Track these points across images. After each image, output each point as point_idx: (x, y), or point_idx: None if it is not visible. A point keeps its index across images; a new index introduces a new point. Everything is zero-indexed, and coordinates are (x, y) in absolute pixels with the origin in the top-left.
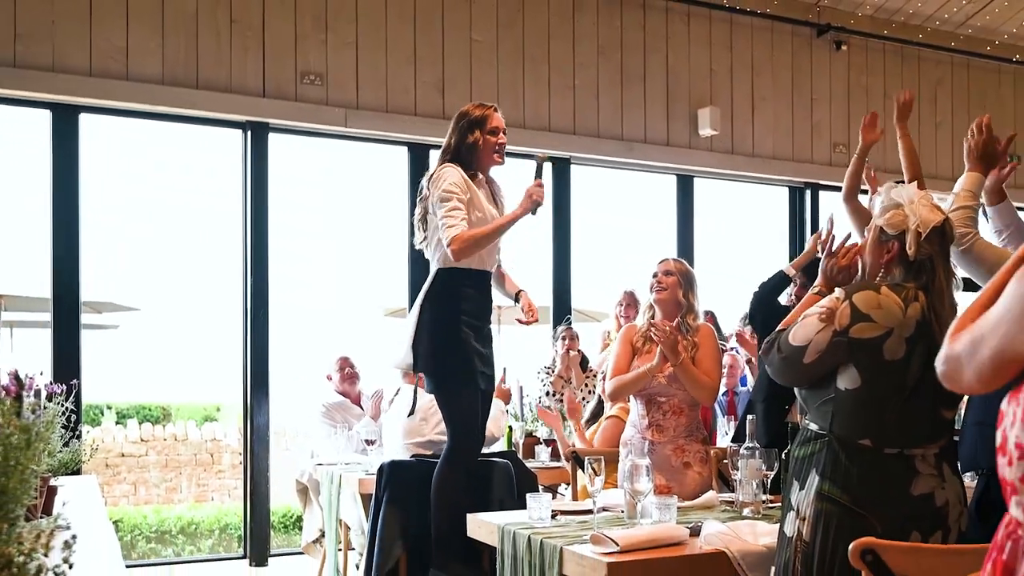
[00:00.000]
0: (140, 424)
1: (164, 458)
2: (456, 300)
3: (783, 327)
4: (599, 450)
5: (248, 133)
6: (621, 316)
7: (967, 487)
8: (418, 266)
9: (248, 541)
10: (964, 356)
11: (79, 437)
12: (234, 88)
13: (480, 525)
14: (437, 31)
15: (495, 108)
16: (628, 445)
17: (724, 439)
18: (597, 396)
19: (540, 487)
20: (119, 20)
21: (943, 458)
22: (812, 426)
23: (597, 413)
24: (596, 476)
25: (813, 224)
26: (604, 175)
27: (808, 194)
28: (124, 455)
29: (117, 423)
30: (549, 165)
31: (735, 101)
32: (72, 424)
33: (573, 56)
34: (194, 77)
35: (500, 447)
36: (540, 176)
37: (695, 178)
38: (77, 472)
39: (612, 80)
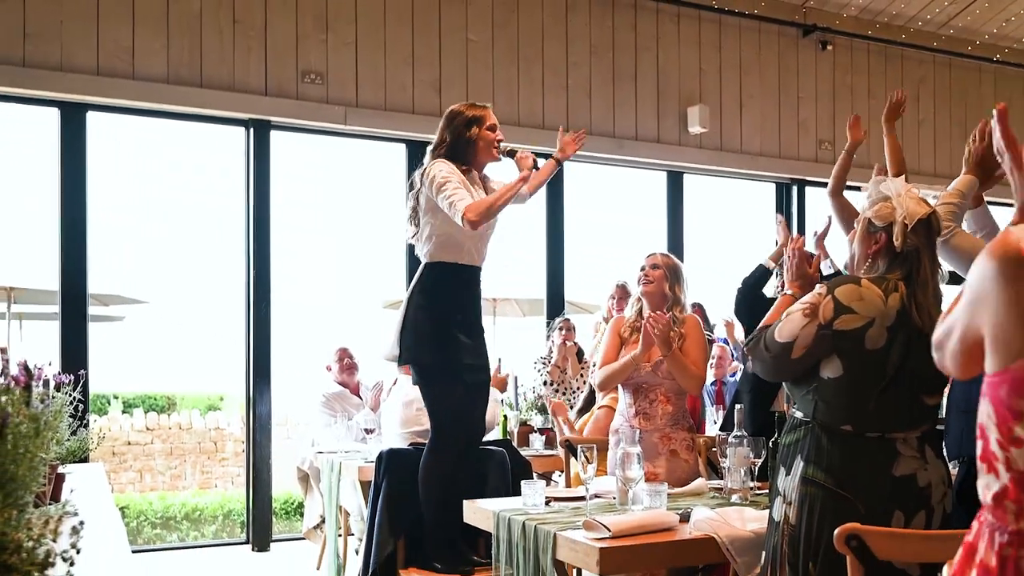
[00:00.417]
0: (146, 413)
1: (169, 446)
2: (444, 294)
3: (766, 324)
4: (592, 438)
5: (251, 131)
6: (613, 308)
7: (953, 474)
8: (415, 259)
9: (251, 527)
10: (942, 341)
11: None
12: (237, 87)
13: (476, 511)
14: (434, 32)
15: (489, 107)
16: (617, 433)
17: (713, 428)
18: (589, 386)
19: (534, 475)
20: (125, 21)
21: (925, 441)
22: (797, 414)
23: (590, 402)
24: (588, 464)
25: (800, 219)
26: (596, 171)
27: (795, 190)
28: (130, 443)
29: (123, 412)
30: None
31: (723, 99)
32: (80, 413)
33: (566, 56)
34: (198, 76)
35: (496, 436)
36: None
37: (685, 174)
38: (84, 460)
39: (604, 79)
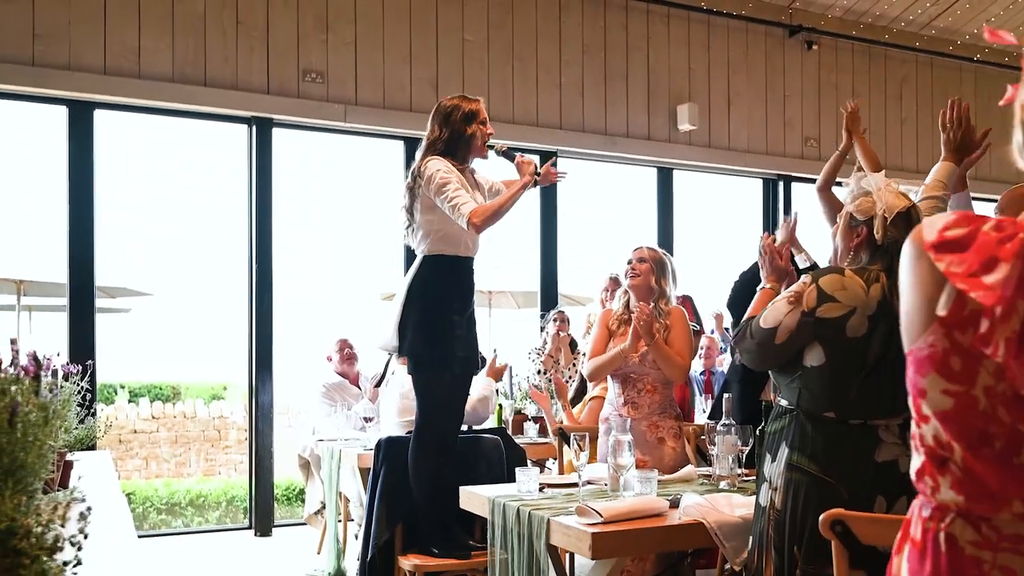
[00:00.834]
0: (151, 402)
1: (174, 434)
2: (441, 286)
3: (751, 315)
4: (584, 426)
5: (253, 128)
6: (606, 300)
7: None
8: (412, 253)
9: (253, 513)
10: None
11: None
12: (240, 86)
13: (472, 497)
14: (431, 31)
15: (481, 100)
16: (607, 422)
17: (702, 416)
18: (580, 376)
19: (528, 462)
20: (132, 21)
21: (907, 428)
22: (782, 402)
23: (580, 392)
24: (581, 451)
25: (786, 213)
26: (589, 168)
27: (781, 186)
28: (136, 431)
29: (130, 401)
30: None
31: (712, 98)
32: (87, 402)
33: (559, 55)
34: (202, 75)
35: (491, 424)
36: (512, 159)
37: (674, 170)
38: (92, 448)
39: (596, 78)
